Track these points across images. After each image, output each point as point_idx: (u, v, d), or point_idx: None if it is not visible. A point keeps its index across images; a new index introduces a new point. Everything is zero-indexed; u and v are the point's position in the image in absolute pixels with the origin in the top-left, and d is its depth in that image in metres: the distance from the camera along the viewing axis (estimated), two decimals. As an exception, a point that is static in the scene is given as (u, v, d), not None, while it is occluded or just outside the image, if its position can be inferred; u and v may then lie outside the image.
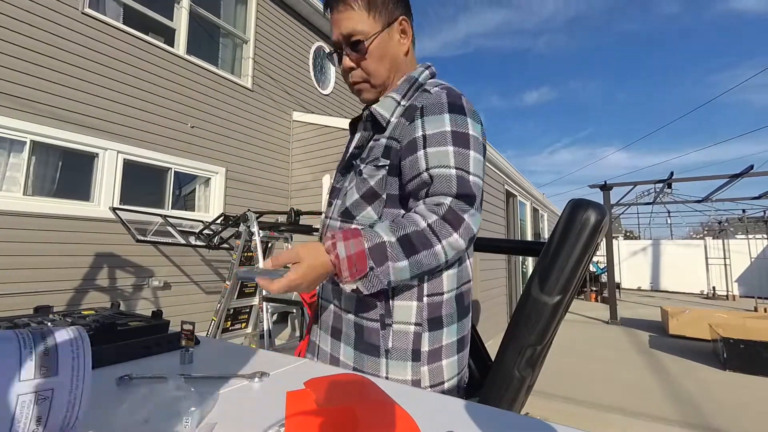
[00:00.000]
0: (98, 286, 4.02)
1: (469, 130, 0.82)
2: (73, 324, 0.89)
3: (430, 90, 0.88)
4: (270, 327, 3.04)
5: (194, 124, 5.05)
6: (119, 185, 4.29)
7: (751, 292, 11.80)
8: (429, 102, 0.84)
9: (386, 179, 0.87)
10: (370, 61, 0.90)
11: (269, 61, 6.27)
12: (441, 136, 0.81)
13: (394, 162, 0.86)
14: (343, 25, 0.89)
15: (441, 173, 0.79)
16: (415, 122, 0.84)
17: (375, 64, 0.91)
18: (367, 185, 0.87)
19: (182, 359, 0.79)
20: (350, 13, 0.88)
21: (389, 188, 0.87)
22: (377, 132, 0.92)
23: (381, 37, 0.89)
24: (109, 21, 4.26)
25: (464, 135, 0.81)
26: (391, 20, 0.91)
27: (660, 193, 9.60)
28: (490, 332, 5.09)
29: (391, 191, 0.87)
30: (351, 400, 0.55)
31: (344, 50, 0.92)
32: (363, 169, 0.90)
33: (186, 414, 0.50)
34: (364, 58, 0.90)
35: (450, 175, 0.79)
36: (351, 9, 0.88)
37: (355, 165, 0.94)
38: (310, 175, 6.36)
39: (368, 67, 0.91)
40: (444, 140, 0.80)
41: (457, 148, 0.80)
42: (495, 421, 0.54)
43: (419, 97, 0.89)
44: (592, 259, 1.12)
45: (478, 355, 1.09)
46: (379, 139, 0.90)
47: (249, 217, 3.38)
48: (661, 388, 3.61)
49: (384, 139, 0.88)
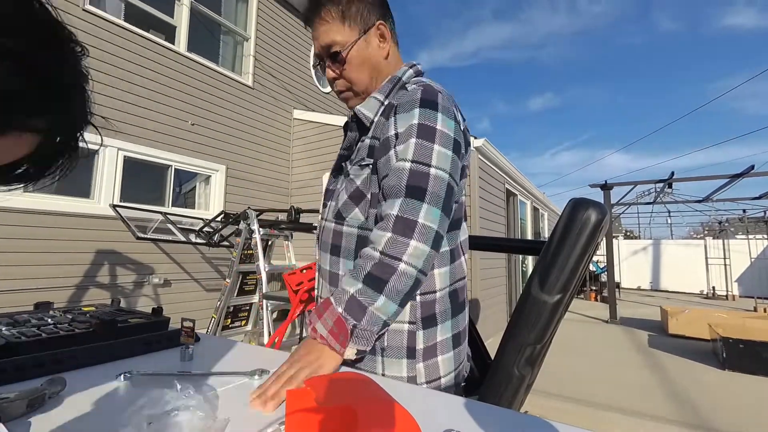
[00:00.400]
0: (98, 283, 4.02)
1: (437, 125, 0.80)
2: (73, 320, 0.89)
3: (408, 88, 0.88)
4: (270, 324, 3.04)
5: (195, 121, 5.05)
6: (119, 182, 4.29)
7: (751, 292, 11.80)
8: (404, 99, 0.84)
9: (370, 178, 0.87)
10: (350, 69, 0.91)
11: (270, 59, 6.26)
12: (408, 130, 0.80)
13: (376, 161, 0.87)
14: (321, 38, 0.91)
15: (397, 166, 0.78)
16: (389, 120, 0.84)
17: (355, 72, 0.92)
18: (354, 185, 0.88)
19: (182, 356, 0.79)
20: (327, 26, 0.90)
21: (373, 187, 0.87)
22: (363, 132, 0.93)
23: (358, 45, 0.90)
24: (110, 18, 4.25)
25: (430, 128, 0.79)
26: (367, 27, 0.91)
27: (660, 193, 9.60)
28: (490, 331, 5.09)
29: (374, 190, 0.87)
30: (351, 398, 0.55)
31: (326, 62, 0.94)
32: (350, 169, 0.91)
33: (187, 412, 0.50)
34: (344, 67, 0.91)
35: (403, 168, 0.77)
36: (326, 22, 0.90)
37: (344, 166, 0.95)
38: (310, 173, 6.36)
39: (349, 75, 0.92)
40: (409, 134, 0.79)
41: (420, 140, 0.78)
42: (494, 419, 0.54)
43: (398, 95, 0.89)
44: (592, 259, 1.12)
45: (477, 353, 1.09)
46: (365, 139, 0.91)
47: (249, 214, 3.39)
48: (661, 387, 3.61)
49: (368, 139, 0.89)
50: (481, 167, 4.97)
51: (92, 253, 3.99)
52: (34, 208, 3.63)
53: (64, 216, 3.82)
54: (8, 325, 0.82)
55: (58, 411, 0.55)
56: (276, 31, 6.39)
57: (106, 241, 4.09)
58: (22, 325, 0.82)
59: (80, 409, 0.55)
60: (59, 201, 3.84)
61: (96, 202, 4.12)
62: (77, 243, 3.89)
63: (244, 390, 0.64)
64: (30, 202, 3.62)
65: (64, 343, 0.74)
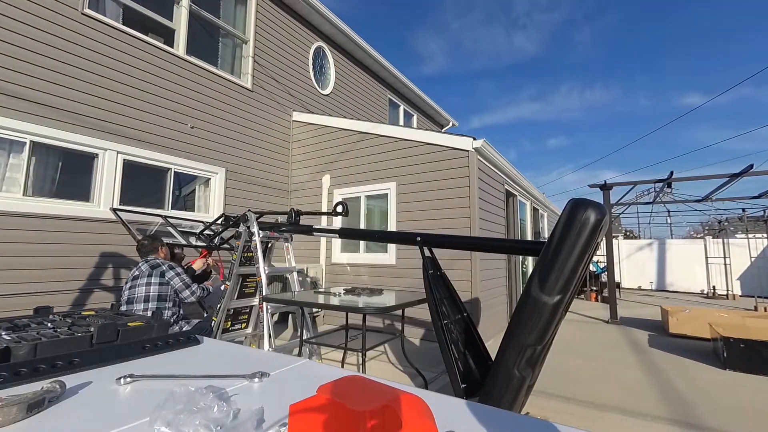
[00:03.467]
0: (98, 287, 4.02)
1: None
2: (73, 325, 0.89)
3: None
4: (270, 327, 3.04)
5: (194, 124, 5.05)
6: (119, 186, 4.29)
7: (752, 291, 11.79)
8: None
9: None
10: None
11: (269, 61, 6.27)
12: None
13: None
14: None
15: None
16: None
17: None
18: None
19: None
20: None
21: None
22: None
23: None
24: (108, 21, 4.26)
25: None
26: None
27: (660, 193, 9.60)
28: (490, 332, 5.09)
29: None
30: (377, 399, 0.54)
31: None
32: None
33: (190, 412, 0.50)
34: None
35: None
36: None
37: None
38: (309, 175, 6.36)
39: None
40: None
41: None
42: (495, 421, 0.54)
43: None
44: (592, 259, 1.12)
45: (478, 354, 1.09)
46: None
47: (249, 217, 3.38)
48: (661, 387, 3.61)
49: None
50: (480, 168, 4.98)
51: (92, 257, 3.99)
52: (34, 212, 3.63)
53: (63, 220, 3.81)
54: (8, 329, 0.82)
55: (57, 414, 0.54)
56: (275, 33, 6.40)
57: (105, 244, 4.09)
58: (22, 330, 0.82)
59: (80, 413, 0.55)
60: (59, 205, 3.83)
61: (96, 205, 4.11)
62: (77, 246, 3.88)
63: (244, 393, 0.64)
64: (29, 206, 3.62)
65: (64, 347, 0.74)
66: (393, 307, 2.68)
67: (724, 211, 13.77)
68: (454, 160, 4.96)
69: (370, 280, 5.42)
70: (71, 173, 4.06)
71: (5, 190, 3.55)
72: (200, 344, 0.93)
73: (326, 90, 7.56)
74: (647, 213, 19.58)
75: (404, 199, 5.33)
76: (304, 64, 6.99)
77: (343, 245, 5.87)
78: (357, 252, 5.76)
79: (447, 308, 1.93)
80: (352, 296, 3.08)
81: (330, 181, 6.12)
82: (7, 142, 3.58)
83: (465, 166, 4.87)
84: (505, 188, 6.24)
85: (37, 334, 0.77)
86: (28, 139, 3.66)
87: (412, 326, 4.91)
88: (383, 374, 3.58)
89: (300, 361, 0.84)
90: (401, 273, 5.21)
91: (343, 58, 8.03)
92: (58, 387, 0.59)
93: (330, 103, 7.61)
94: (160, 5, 4.94)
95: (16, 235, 3.50)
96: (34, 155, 3.75)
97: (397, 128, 5.79)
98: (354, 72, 8.39)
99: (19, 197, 3.60)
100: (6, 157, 3.59)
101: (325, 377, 0.74)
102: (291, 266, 3.70)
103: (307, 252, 6.00)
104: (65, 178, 4.00)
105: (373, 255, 5.60)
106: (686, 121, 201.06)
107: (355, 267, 5.68)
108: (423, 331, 4.91)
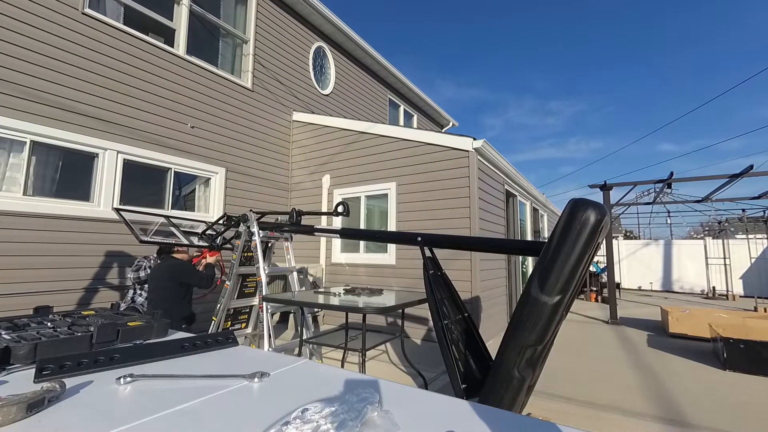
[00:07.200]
0: (99, 287, 4.02)
1: None
2: (73, 324, 0.89)
3: None
4: (270, 327, 3.03)
5: (194, 124, 5.05)
6: (119, 185, 4.29)
7: (752, 291, 11.79)
8: None
9: None
10: None
11: (269, 61, 6.27)
12: None
13: None
14: None
15: None
16: None
17: None
18: None
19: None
20: None
21: None
22: None
23: None
24: (109, 21, 4.26)
25: None
26: None
27: (660, 193, 9.59)
28: (490, 332, 5.08)
29: None
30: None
31: None
32: None
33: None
34: None
35: None
36: None
37: None
38: (309, 175, 6.36)
39: None
40: None
41: None
42: (495, 421, 0.54)
43: None
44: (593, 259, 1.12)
45: (478, 355, 1.09)
46: None
47: (249, 217, 3.38)
48: (661, 387, 3.61)
49: None
50: (480, 168, 4.98)
51: (92, 257, 3.99)
52: (34, 212, 3.63)
53: (63, 219, 3.81)
54: (8, 329, 0.82)
55: (57, 414, 0.54)
56: (275, 33, 6.40)
57: (105, 244, 4.09)
58: (22, 329, 0.82)
59: (80, 413, 0.55)
60: (59, 204, 3.83)
61: (96, 205, 4.11)
62: (77, 246, 3.88)
63: (244, 393, 0.64)
64: (30, 206, 3.62)
65: (64, 347, 0.74)
66: (393, 307, 2.68)
67: (724, 211, 13.76)
68: (454, 160, 4.96)
69: (370, 280, 5.42)
70: (71, 173, 4.06)
71: (5, 189, 3.55)
72: (236, 346, 0.94)
73: (326, 90, 7.56)
74: (647, 213, 19.59)
75: (404, 199, 5.33)
76: (305, 64, 6.99)
77: (343, 245, 5.87)
78: (357, 252, 5.76)
79: (447, 308, 1.93)
80: (352, 296, 3.08)
81: (330, 180, 6.12)
82: (8, 141, 3.58)
83: (465, 167, 4.87)
84: (505, 188, 6.23)
85: (37, 334, 0.77)
86: (28, 138, 3.66)
87: (412, 326, 4.91)
88: (383, 374, 3.58)
89: (300, 361, 0.84)
90: (401, 273, 5.21)
91: (343, 58, 8.03)
92: (58, 387, 0.59)
93: (330, 103, 7.61)
94: (161, 5, 4.94)
95: (16, 235, 3.50)
96: (34, 155, 3.75)
97: (397, 128, 5.79)
98: (354, 72, 8.39)
99: (19, 197, 3.60)
100: (6, 157, 3.59)
101: (326, 377, 0.74)
102: (291, 266, 3.70)
103: (307, 252, 5.99)
104: (65, 178, 4.00)
105: (373, 255, 5.60)
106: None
107: (354, 267, 5.68)
108: (424, 330, 4.91)
